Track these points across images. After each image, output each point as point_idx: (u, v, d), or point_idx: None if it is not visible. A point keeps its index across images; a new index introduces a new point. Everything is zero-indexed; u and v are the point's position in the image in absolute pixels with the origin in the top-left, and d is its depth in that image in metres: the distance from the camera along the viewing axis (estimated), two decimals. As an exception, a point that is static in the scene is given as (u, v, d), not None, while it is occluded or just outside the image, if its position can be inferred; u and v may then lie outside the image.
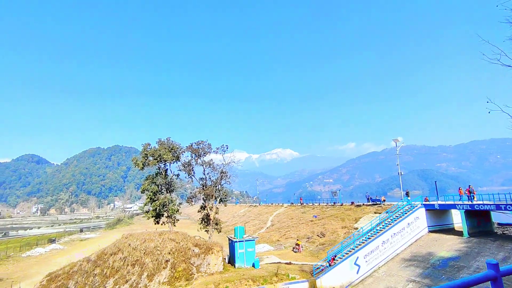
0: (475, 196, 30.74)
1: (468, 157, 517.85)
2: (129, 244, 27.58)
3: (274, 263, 30.75)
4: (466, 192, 31.50)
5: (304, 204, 60.69)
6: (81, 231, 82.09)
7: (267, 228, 55.24)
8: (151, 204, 33.64)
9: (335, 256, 28.41)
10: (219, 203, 35.56)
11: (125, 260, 26.43)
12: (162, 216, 33.81)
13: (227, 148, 34.95)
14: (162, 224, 33.92)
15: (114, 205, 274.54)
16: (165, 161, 33.49)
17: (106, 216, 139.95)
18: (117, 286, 24.70)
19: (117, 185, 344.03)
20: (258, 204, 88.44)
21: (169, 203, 33.74)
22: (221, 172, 35.15)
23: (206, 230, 34.45)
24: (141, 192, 35.56)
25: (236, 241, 30.15)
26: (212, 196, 34.44)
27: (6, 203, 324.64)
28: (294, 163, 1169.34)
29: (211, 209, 34.38)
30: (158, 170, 34.74)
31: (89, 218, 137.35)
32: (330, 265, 27.32)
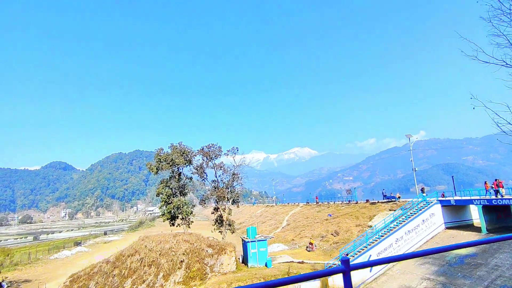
0: (503, 190, 28.89)
1: (497, 149, 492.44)
2: (145, 246, 28.71)
3: (287, 262, 31.01)
4: (493, 185, 29.73)
5: (320, 203, 60.37)
6: (105, 234, 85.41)
7: (283, 227, 55.46)
8: (165, 207, 34.88)
9: (347, 255, 28.29)
10: (232, 204, 36.23)
11: (141, 261, 27.54)
12: (177, 218, 34.90)
13: (237, 150, 35.58)
14: (177, 226, 35.01)
15: (137, 208, 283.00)
16: (177, 165, 34.57)
17: (129, 219, 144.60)
18: (135, 286, 25.83)
19: (139, 189, 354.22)
20: (274, 204, 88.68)
21: (183, 206, 34.79)
22: (233, 174, 35.80)
23: (219, 231, 35.22)
24: (156, 196, 36.88)
25: (249, 241, 30.66)
26: (224, 197, 35.15)
27: (37, 209, 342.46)
28: (313, 162, 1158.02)
29: (224, 211, 35.10)
30: (172, 174, 35.88)
31: (113, 221, 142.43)
32: (342, 263, 27.27)
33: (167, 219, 34.94)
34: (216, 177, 35.61)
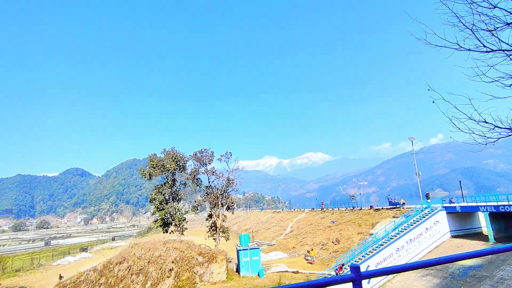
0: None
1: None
2: (134, 253, 28.10)
3: (281, 272, 29.66)
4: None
5: (325, 209, 58.53)
6: (113, 239, 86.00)
7: (286, 234, 53.96)
8: (158, 213, 34.34)
9: (343, 265, 26.75)
10: (227, 210, 35.31)
11: (129, 269, 26.91)
12: (171, 224, 34.29)
13: (230, 155, 34.75)
14: (170, 233, 34.39)
15: (149, 214, 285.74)
16: (169, 170, 34.07)
17: (140, 225, 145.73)
18: (121, 295, 25.16)
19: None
20: (281, 210, 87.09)
21: (176, 212, 34.16)
22: (227, 180, 34.94)
23: (214, 238, 34.32)
24: (150, 202, 36.48)
25: (241, 250, 29.58)
26: (218, 204, 34.30)
27: (55, 214, 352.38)
28: (326, 167, 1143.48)
29: (218, 217, 34.23)
30: (166, 180, 35.41)
31: (125, 226, 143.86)
32: (337, 274, 25.75)
33: (160, 225, 34.36)
34: (209, 182, 34.86)
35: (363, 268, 1.99)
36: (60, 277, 31.78)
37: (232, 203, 35.22)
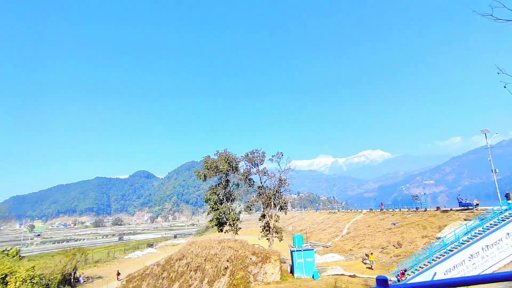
0: None
1: None
2: (192, 251, 29.66)
3: (337, 275, 28.56)
4: None
5: (384, 210, 54.87)
6: (175, 237, 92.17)
7: (342, 236, 51.89)
8: (213, 213, 35.79)
9: (406, 271, 24.69)
10: (280, 211, 35.24)
11: (188, 266, 28.51)
12: (225, 224, 35.46)
13: (282, 155, 34.62)
14: (225, 232, 35.54)
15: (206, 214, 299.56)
16: (221, 171, 35.24)
17: (198, 224, 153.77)
18: (181, 289, 26.76)
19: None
20: (337, 210, 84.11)
21: (229, 212, 35.21)
22: (279, 180, 34.88)
23: (267, 238, 34.53)
24: (205, 202, 38.17)
25: (295, 250, 29.25)
26: (270, 204, 34.42)
27: (127, 212, 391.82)
28: (386, 165, 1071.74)
29: (271, 217, 34.35)
30: (220, 181, 36.76)
31: (185, 225, 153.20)
32: (398, 280, 23.87)
33: (215, 225, 35.77)
34: (261, 183, 35.18)
35: (428, 276, 1.66)
36: (118, 273, 34.77)
37: (285, 203, 35.06)
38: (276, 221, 34.48)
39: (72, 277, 34.23)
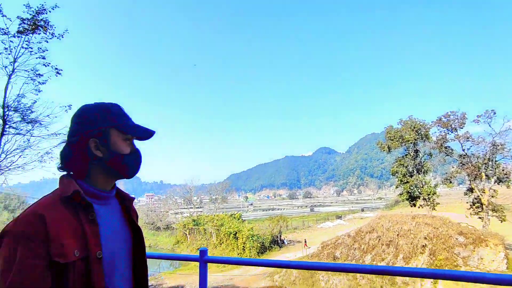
0: None
1: None
2: (382, 225, 28.44)
3: None
4: None
5: None
6: (362, 210, 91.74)
7: None
8: (402, 186, 32.46)
9: None
10: (496, 183, 27.25)
11: (379, 239, 27.62)
12: (418, 198, 31.34)
13: (493, 114, 26.14)
14: (419, 208, 31.44)
15: (394, 187, 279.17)
16: (408, 141, 30.94)
17: (386, 198, 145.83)
18: (374, 262, 26.40)
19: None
20: None
21: (422, 185, 30.70)
22: (492, 145, 26.85)
23: (480, 217, 27.70)
24: (392, 175, 35.01)
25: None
26: (480, 175, 27.19)
27: (314, 187, 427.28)
28: None
29: (483, 192, 27.20)
30: (407, 151, 32.80)
31: (371, 199, 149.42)
32: None
33: (406, 199, 32.32)
34: (463, 150, 28.22)
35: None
36: (305, 241, 37.09)
37: (506, 174, 26.71)
38: (493, 196, 26.96)
39: (278, 239, 41.32)
